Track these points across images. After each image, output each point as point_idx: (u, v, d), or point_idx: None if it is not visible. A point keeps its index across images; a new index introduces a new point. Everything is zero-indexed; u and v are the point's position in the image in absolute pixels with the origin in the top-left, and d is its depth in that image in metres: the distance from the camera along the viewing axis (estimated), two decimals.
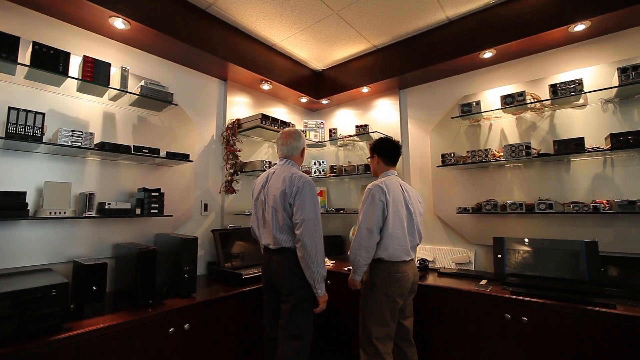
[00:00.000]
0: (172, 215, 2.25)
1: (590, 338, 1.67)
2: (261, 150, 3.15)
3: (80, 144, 1.75)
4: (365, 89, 3.15)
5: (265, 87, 3.03)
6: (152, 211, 2.04)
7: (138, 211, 2.00)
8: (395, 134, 3.10)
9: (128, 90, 1.99)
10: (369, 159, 2.22)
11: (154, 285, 1.83)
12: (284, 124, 2.86)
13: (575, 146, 2.03)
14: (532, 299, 1.84)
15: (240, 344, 2.08)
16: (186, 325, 1.80)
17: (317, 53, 3.04)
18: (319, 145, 3.48)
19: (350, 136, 3.18)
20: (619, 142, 1.89)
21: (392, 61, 2.91)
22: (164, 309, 1.75)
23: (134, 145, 1.97)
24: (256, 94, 3.16)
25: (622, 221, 2.06)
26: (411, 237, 1.94)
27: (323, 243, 1.74)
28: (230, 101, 2.92)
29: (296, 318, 1.73)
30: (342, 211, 3.13)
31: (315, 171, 3.30)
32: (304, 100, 3.44)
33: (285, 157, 1.91)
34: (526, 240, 2.29)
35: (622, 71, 1.90)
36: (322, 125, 3.40)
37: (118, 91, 1.97)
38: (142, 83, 2.06)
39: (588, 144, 2.09)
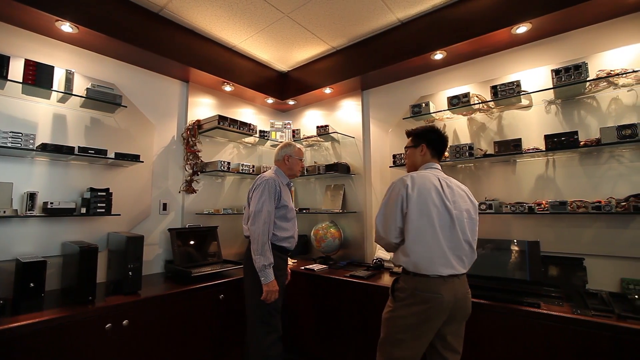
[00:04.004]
0: (119, 214, 2.30)
1: (516, 336, 1.69)
2: (225, 151, 3.19)
3: (19, 145, 1.80)
4: (328, 90, 3.18)
5: (227, 88, 3.07)
6: (98, 210, 2.09)
7: (83, 210, 2.05)
8: (357, 134, 3.13)
9: (72, 93, 2.04)
10: (407, 150, 1.78)
11: (95, 282, 1.88)
12: (244, 125, 2.90)
13: (514, 147, 2.05)
14: None
15: (185, 340, 2.12)
16: (125, 321, 1.84)
17: (279, 55, 3.07)
18: None
19: (312, 136, 3.21)
20: (553, 143, 1.91)
21: (352, 62, 2.93)
22: (102, 305, 1.80)
23: (78, 147, 2.02)
24: (221, 95, 3.20)
25: (562, 221, 2.08)
26: (452, 244, 1.50)
27: (267, 235, 1.91)
28: (193, 102, 2.96)
29: (250, 307, 1.96)
30: (305, 211, 3.17)
31: None
32: (270, 101, 3.47)
33: (274, 162, 2.23)
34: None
35: (556, 73, 1.92)
36: (288, 126, 3.43)
37: (63, 94, 2.02)
38: (89, 85, 2.10)
39: (532, 145, 2.12)
